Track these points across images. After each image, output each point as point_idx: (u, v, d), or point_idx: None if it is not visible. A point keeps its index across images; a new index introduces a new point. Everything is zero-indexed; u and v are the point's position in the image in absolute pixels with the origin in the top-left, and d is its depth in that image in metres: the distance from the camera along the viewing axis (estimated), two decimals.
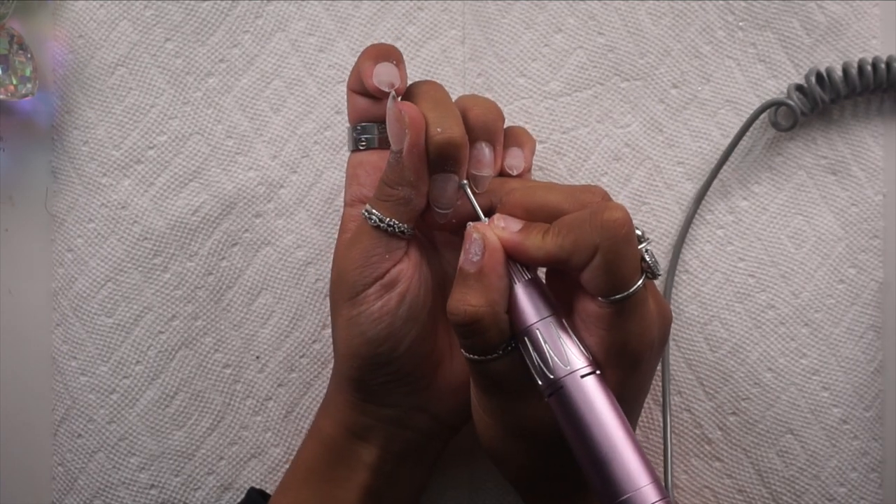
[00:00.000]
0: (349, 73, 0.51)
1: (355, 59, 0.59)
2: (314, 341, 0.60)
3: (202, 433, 0.59)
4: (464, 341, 0.46)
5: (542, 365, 0.45)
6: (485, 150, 0.49)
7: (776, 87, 0.60)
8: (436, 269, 0.53)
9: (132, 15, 0.60)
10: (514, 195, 0.49)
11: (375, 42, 0.51)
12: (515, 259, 0.46)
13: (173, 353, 0.59)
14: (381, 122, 0.50)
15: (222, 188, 0.60)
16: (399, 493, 0.54)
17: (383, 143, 0.50)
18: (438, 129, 0.46)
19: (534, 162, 0.59)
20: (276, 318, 0.60)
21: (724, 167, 0.59)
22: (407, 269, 0.49)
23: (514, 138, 0.52)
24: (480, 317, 0.45)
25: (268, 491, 0.58)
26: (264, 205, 0.60)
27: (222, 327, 0.60)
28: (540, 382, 0.45)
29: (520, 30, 0.60)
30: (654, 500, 0.42)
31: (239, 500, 0.58)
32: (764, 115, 0.58)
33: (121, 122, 0.60)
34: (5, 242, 0.60)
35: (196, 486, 0.59)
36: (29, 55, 0.59)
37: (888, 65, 0.57)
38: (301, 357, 0.60)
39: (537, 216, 0.47)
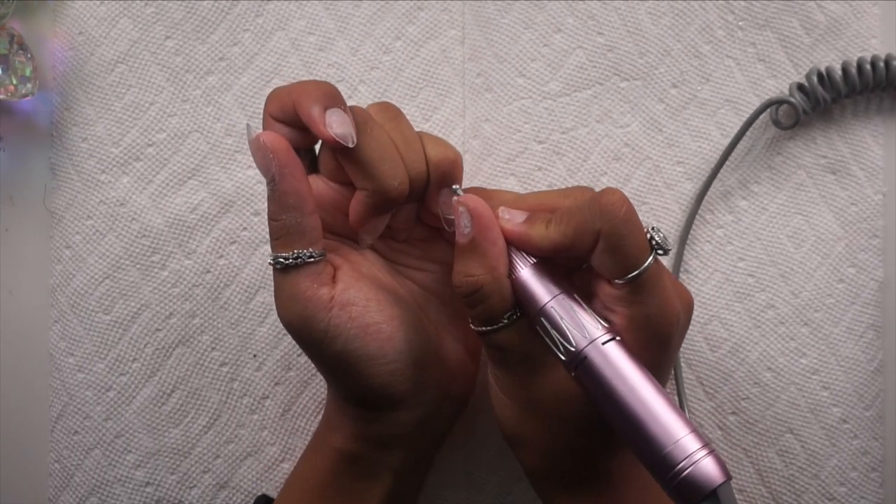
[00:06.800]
0: (267, 97, 0.47)
1: (355, 58, 0.59)
2: None
3: (198, 431, 0.59)
4: (471, 311, 0.47)
5: (562, 341, 0.45)
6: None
7: (776, 87, 0.59)
8: (381, 253, 0.52)
9: (132, 12, 0.60)
10: (508, 203, 0.49)
11: (315, 81, 0.47)
12: (522, 249, 0.47)
13: (170, 350, 0.59)
14: (301, 148, 0.48)
15: (221, 186, 0.60)
16: (414, 486, 0.54)
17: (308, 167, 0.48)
18: (395, 182, 0.46)
19: (533, 162, 0.59)
20: (273, 317, 0.59)
21: (724, 166, 0.59)
22: (350, 280, 0.48)
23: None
24: (482, 284, 0.45)
25: (268, 493, 0.58)
26: (263, 203, 0.59)
27: (220, 325, 0.59)
28: (563, 358, 0.45)
29: (519, 30, 0.60)
30: (693, 449, 0.41)
31: (234, 498, 0.58)
32: (765, 113, 0.58)
33: (120, 119, 0.60)
34: (5, 243, 0.60)
35: (192, 485, 0.59)
36: (29, 55, 0.59)
37: (888, 64, 0.58)
38: (299, 356, 0.59)
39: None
